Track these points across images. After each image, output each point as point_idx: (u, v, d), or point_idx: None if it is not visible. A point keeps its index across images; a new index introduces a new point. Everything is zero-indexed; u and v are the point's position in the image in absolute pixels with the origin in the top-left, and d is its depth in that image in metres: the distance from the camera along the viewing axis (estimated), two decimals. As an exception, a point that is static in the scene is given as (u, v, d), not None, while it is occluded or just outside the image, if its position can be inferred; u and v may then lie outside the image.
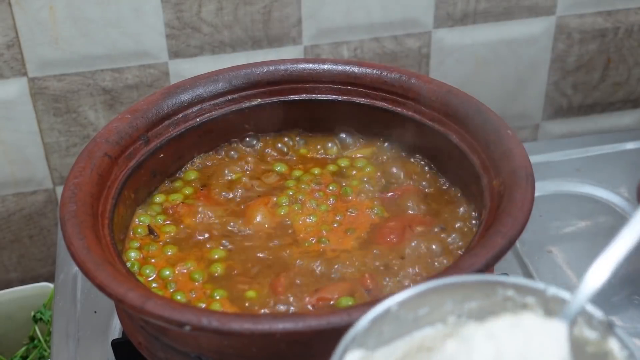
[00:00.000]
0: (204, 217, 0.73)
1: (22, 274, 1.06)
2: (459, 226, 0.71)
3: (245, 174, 0.77)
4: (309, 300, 0.64)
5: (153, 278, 0.68)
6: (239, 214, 0.73)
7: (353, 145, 0.80)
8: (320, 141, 0.81)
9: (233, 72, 0.78)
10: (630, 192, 0.94)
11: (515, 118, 1.09)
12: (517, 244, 0.87)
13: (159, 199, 0.75)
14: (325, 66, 0.78)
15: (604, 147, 1.02)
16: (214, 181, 0.77)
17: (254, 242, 0.71)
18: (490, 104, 0.75)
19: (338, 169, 0.78)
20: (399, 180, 0.76)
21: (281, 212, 0.73)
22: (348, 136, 0.81)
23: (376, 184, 0.76)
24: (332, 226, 0.72)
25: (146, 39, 0.93)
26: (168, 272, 0.68)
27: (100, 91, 0.96)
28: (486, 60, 1.04)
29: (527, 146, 0.71)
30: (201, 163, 0.79)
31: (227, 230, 0.72)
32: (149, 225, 0.72)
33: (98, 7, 0.91)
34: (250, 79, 0.78)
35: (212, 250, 0.70)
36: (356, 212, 0.73)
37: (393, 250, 0.68)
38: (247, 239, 0.71)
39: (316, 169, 0.78)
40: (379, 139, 0.79)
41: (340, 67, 0.78)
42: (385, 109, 0.77)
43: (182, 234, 0.72)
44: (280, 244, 0.70)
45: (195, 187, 0.76)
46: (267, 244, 0.70)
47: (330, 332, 0.53)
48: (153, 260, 0.69)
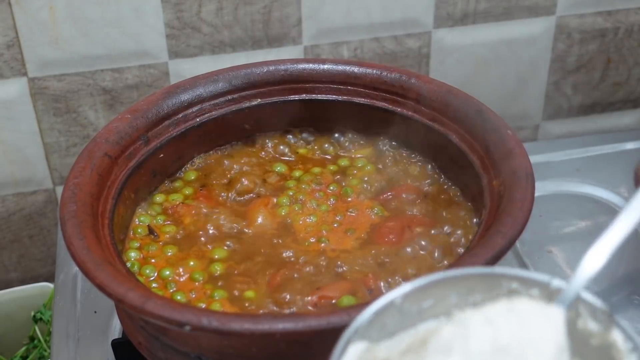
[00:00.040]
0: (204, 217, 0.73)
1: (22, 274, 1.06)
2: (459, 226, 0.70)
3: (246, 174, 0.77)
4: (310, 299, 0.64)
5: (153, 278, 0.68)
6: (239, 214, 0.73)
7: (353, 145, 0.80)
8: (320, 141, 0.81)
9: (233, 72, 0.78)
10: (630, 192, 0.94)
11: (515, 118, 1.09)
12: (517, 244, 0.87)
13: (159, 199, 0.75)
14: (325, 66, 0.78)
15: (604, 147, 1.02)
16: (213, 181, 0.77)
17: (254, 242, 0.71)
18: (490, 104, 0.75)
19: (338, 169, 0.78)
20: (398, 180, 0.76)
21: (281, 213, 0.73)
22: (348, 136, 0.81)
23: (376, 183, 0.76)
24: (332, 226, 0.72)
25: (146, 39, 0.93)
26: (168, 272, 0.68)
27: (100, 91, 0.96)
28: (486, 60, 1.04)
29: (527, 146, 0.71)
30: (201, 163, 0.79)
31: (227, 230, 0.72)
32: (149, 225, 0.72)
33: (98, 7, 0.91)
34: (250, 79, 0.78)
35: (212, 250, 0.70)
36: (356, 212, 0.73)
37: (392, 250, 0.68)
38: (248, 239, 0.71)
39: (316, 169, 0.78)
40: (379, 138, 0.79)
41: (340, 67, 0.78)
42: (385, 109, 0.77)
43: (182, 234, 0.72)
44: (281, 244, 0.70)
45: (195, 187, 0.76)
46: (268, 244, 0.70)
47: (330, 332, 0.53)
48: (153, 260, 0.69)
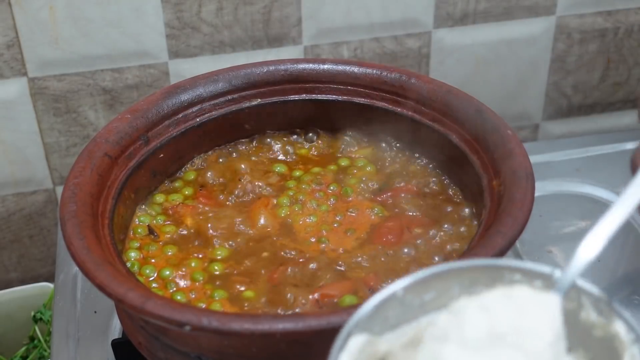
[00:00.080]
0: (203, 218, 0.73)
1: (22, 274, 1.06)
2: (459, 226, 0.70)
3: (246, 174, 0.77)
4: (312, 298, 0.64)
5: (153, 278, 0.68)
6: (239, 214, 0.73)
7: (353, 145, 0.80)
8: (321, 141, 0.81)
9: (233, 72, 0.78)
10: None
11: (515, 118, 1.09)
12: (517, 244, 0.87)
13: (159, 199, 0.75)
14: (325, 66, 0.78)
15: (604, 147, 1.01)
16: (213, 181, 0.77)
17: (254, 242, 0.71)
18: (490, 104, 0.75)
19: (338, 169, 0.78)
20: (398, 180, 0.76)
21: (282, 213, 0.73)
22: (348, 136, 0.80)
23: (376, 184, 0.76)
24: (332, 226, 0.72)
25: (146, 39, 0.93)
26: (168, 272, 0.68)
27: (100, 91, 0.96)
28: (486, 60, 1.04)
29: (527, 146, 0.71)
30: (201, 163, 0.79)
31: (227, 231, 0.72)
32: (149, 225, 0.72)
33: (98, 7, 0.91)
34: (250, 79, 0.78)
35: (212, 251, 0.70)
36: (356, 212, 0.73)
37: (392, 250, 0.68)
38: (248, 239, 0.71)
39: (316, 169, 0.78)
40: (379, 139, 0.79)
41: (340, 67, 0.78)
42: (385, 109, 0.77)
43: (182, 234, 0.72)
44: (281, 244, 0.70)
45: (195, 188, 0.76)
46: (268, 244, 0.70)
47: (330, 332, 0.53)
48: (153, 260, 0.69)
